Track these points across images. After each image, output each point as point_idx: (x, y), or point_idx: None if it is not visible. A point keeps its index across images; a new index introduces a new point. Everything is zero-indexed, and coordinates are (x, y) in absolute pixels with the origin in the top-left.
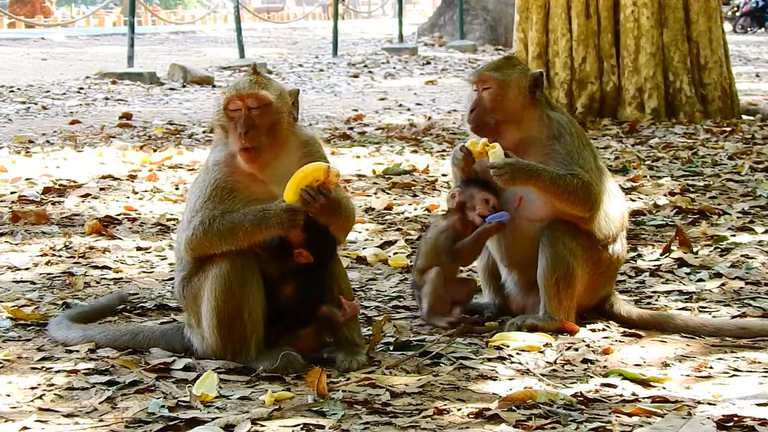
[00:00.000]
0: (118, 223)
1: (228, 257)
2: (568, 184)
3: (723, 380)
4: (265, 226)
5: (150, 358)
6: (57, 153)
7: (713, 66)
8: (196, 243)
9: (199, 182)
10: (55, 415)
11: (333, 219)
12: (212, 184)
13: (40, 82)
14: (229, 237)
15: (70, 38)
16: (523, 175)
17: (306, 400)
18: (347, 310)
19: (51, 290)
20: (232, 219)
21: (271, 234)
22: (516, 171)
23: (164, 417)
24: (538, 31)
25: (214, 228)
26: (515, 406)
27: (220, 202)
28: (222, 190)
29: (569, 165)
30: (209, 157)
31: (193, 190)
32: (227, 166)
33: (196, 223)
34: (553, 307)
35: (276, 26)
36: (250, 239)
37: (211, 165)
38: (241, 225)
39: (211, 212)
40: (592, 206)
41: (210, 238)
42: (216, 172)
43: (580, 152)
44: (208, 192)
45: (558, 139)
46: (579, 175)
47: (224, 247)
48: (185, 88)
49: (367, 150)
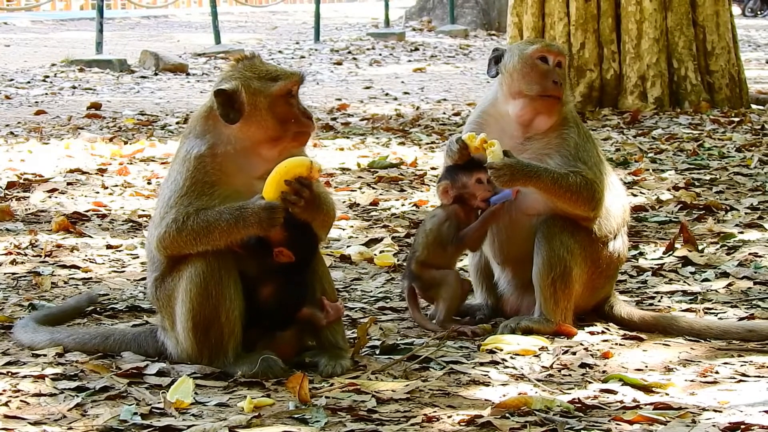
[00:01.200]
0: (86, 220)
1: (203, 257)
2: (570, 183)
3: (729, 386)
4: (242, 225)
5: (121, 362)
6: (21, 145)
7: (720, 52)
8: (169, 242)
9: (175, 175)
10: (22, 423)
11: (314, 215)
12: (191, 178)
13: (2, 70)
14: (204, 236)
15: (35, 23)
16: (522, 176)
17: (287, 406)
18: (330, 313)
19: (16, 291)
20: (208, 217)
21: (249, 233)
22: (516, 172)
23: (137, 425)
24: (534, 14)
25: (188, 226)
26: (509, 413)
27: (197, 198)
28: (203, 184)
29: (574, 159)
30: (187, 149)
31: (167, 185)
32: (212, 158)
33: (169, 221)
34: (550, 308)
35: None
36: (226, 239)
37: (193, 157)
38: (217, 224)
39: (186, 209)
40: (596, 205)
41: (184, 237)
42: (198, 163)
43: (585, 145)
44: (186, 186)
45: (569, 127)
46: (582, 173)
47: (199, 247)
48: (158, 77)
49: (352, 142)
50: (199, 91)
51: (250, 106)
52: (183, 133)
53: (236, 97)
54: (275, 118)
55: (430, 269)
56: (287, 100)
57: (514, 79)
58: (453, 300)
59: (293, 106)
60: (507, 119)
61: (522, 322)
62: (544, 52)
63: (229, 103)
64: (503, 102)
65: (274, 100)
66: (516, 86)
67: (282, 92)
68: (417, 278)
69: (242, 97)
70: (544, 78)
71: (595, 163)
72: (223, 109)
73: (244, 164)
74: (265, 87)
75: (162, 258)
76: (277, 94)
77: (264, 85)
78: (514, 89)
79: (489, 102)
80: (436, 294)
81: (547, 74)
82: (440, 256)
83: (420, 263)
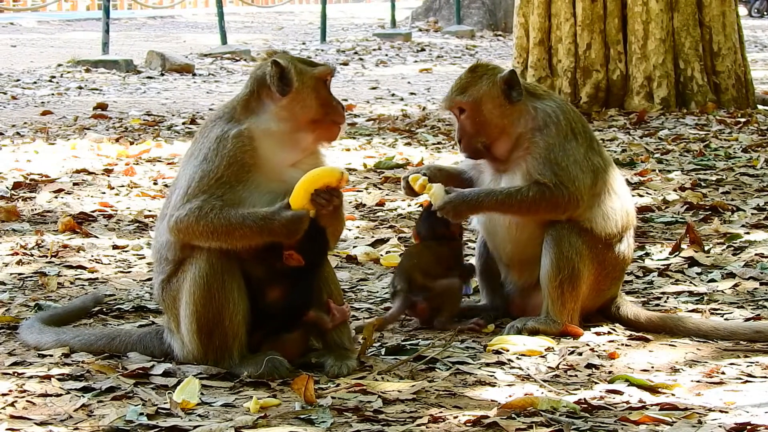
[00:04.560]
0: (93, 220)
1: (206, 259)
2: (523, 198)
3: (736, 386)
4: (267, 233)
5: (127, 362)
6: (28, 146)
7: (727, 53)
8: (185, 226)
9: (207, 153)
10: (28, 423)
11: (333, 223)
12: (229, 157)
13: (9, 71)
14: (224, 234)
15: (41, 23)
16: (466, 207)
17: (293, 407)
18: (336, 316)
19: (22, 291)
20: (230, 218)
21: (270, 240)
22: (458, 206)
23: (143, 425)
24: (540, 15)
25: (210, 219)
26: (515, 413)
27: (230, 188)
28: (240, 166)
29: (544, 162)
30: (222, 129)
31: (195, 163)
32: (250, 139)
33: (193, 206)
34: (556, 309)
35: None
36: (246, 242)
37: (231, 136)
38: (240, 227)
39: (215, 200)
40: (567, 207)
41: (201, 227)
42: (237, 142)
43: (563, 144)
44: (222, 166)
45: (541, 130)
46: (540, 181)
47: (213, 243)
48: (164, 77)
49: (358, 142)
50: (206, 91)
51: (299, 82)
52: (209, 118)
53: (286, 73)
54: (317, 99)
55: (436, 279)
56: (326, 87)
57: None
58: (456, 303)
59: (331, 94)
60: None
61: (528, 322)
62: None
63: (280, 77)
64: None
65: (317, 82)
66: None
67: (323, 76)
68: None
69: (291, 73)
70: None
71: (575, 161)
72: (278, 80)
73: (279, 149)
74: (309, 69)
75: (173, 239)
76: (319, 77)
77: (308, 68)
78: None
79: None
80: (441, 302)
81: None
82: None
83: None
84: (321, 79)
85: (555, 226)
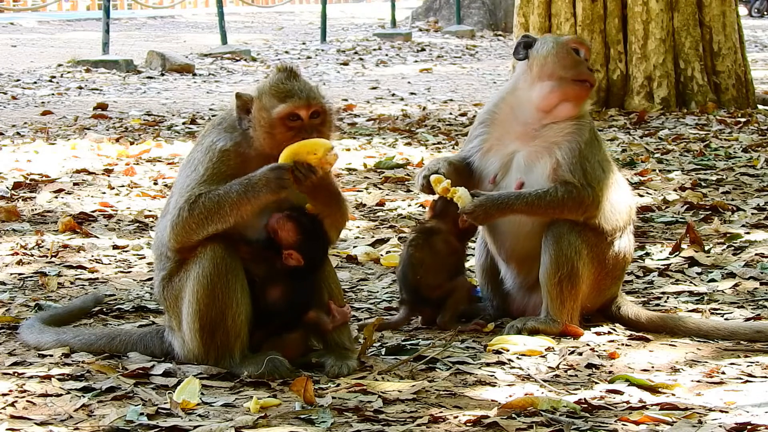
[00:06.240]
0: (93, 220)
1: (211, 259)
2: (552, 199)
3: (736, 386)
4: (252, 193)
5: (128, 362)
6: (28, 146)
7: (727, 52)
8: (180, 226)
9: (196, 164)
10: (28, 423)
11: (330, 209)
12: (213, 168)
13: (9, 71)
14: (216, 213)
15: (41, 23)
16: (496, 210)
17: (293, 407)
18: (336, 317)
19: (23, 291)
20: (218, 193)
21: (259, 202)
22: (488, 209)
23: (143, 425)
24: (541, 15)
25: (200, 204)
26: (515, 413)
27: (216, 184)
28: (223, 175)
29: (578, 156)
30: (213, 140)
31: (186, 172)
32: (235, 155)
33: (181, 203)
34: (556, 308)
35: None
36: (237, 212)
37: (218, 149)
38: (227, 197)
39: (199, 191)
40: (586, 209)
41: (195, 216)
42: (222, 156)
43: (591, 143)
44: (207, 175)
45: (585, 124)
46: (568, 181)
47: (210, 228)
48: (164, 77)
49: (358, 142)
50: (206, 91)
51: (256, 119)
52: (211, 122)
53: (249, 106)
54: (272, 138)
55: (442, 285)
56: (287, 124)
57: (548, 62)
58: (461, 303)
59: (292, 130)
60: (525, 106)
61: (528, 322)
62: (577, 44)
63: (244, 110)
64: (527, 87)
65: (274, 121)
66: (549, 69)
67: (281, 115)
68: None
69: (253, 108)
70: (579, 64)
71: (599, 161)
72: (238, 112)
73: (261, 167)
74: (272, 105)
75: (173, 249)
76: (277, 116)
77: (271, 103)
78: (547, 72)
79: (508, 89)
80: (446, 302)
81: (581, 62)
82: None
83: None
84: (280, 117)
85: (555, 223)
